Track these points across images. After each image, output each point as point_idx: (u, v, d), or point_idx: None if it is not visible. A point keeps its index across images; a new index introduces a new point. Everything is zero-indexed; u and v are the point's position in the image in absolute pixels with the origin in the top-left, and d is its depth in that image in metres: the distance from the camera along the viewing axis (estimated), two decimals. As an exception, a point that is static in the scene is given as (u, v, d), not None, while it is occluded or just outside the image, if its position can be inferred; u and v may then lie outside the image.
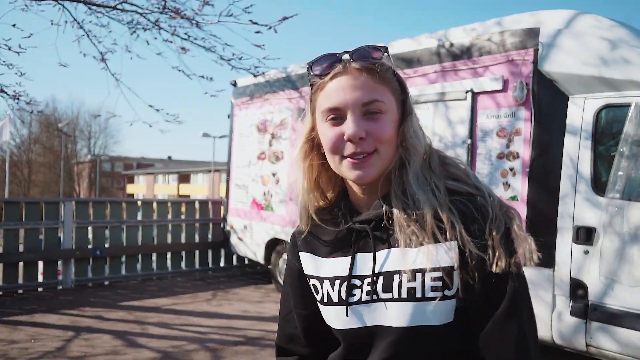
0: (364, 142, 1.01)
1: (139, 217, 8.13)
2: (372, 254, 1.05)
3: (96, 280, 7.62)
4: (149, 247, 8.13)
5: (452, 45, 5.01)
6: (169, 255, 8.36)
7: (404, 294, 1.00)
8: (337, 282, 1.08)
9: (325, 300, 1.10)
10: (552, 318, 4.19)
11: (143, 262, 8.11)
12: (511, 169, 4.52)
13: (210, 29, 12.81)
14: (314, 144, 1.13)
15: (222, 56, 7.06)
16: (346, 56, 1.05)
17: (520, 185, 4.45)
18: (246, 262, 9.01)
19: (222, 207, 8.90)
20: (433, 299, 0.98)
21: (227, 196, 8.28)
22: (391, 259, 1.03)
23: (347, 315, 1.05)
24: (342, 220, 1.11)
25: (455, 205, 1.02)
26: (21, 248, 7.20)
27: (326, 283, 1.10)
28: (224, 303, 6.64)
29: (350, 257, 1.07)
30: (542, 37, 4.31)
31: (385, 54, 1.06)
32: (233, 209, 8.03)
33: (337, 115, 1.03)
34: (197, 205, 8.79)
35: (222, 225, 8.66)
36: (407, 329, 0.99)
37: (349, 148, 1.02)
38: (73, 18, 6.96)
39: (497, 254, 0.97)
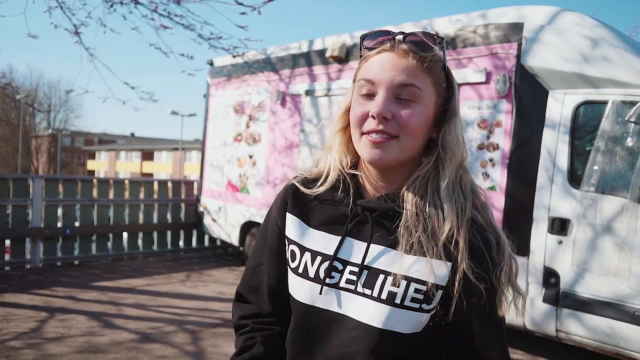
0: (387, 123, 0.98)
1: (111, 196, 8.00)
2: (365, 244, 1.03)
3: (66, 259, 7.48)
4: (121, 227, 8.01)
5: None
6: (140, 235, 8.26)
7: (384, 296, 0.99)
8: (319, 258, 1.06)
9: (300, 271, 1.08)
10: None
11: (114, 242, 8.00)
12: (491, 160, 4.64)
13: (191, 7, 12.51)
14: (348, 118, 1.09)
15: (201, 35, 6.96)
16: (399, 36, 1.02)
17: (499, 176, 4.58)
18: (218, 243, 9.00)
19: (194, 188, 8.84)
20: (410, 308, 0.99)
21: (201, 177, 8.21)
22: (384, 257, 1.02)
23: (320, 294, 1.04)
24: (345, 198, 1.08)
25: (471, 231, 1.00)
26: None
27: (307, 255, 1.08)
28: (198, 284, 6.63)
29: (339, 237, 1.05)
30: (526, 31, 4.41)
31: (441, 45, 1.03)
32: (207, 190, 7.98)
33: (369, 91, 1.01)
34: (169, 185, 8.69)
35: (195, 206, 8.60)
36: (377, 329, 0.99)
37: (371, 124, 1.00)
38: (46, -12, 6.73)
39: (497, 294, 1.00)
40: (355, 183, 1.09)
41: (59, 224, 7.45)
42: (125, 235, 8.14)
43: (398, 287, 0.98)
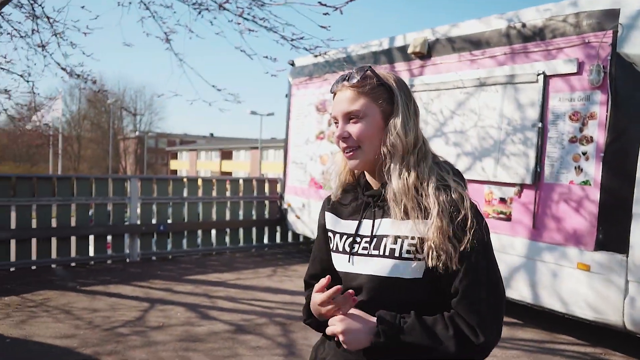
0: (348, 140, 1.37)
1: (199, 194, 8.40)
2: (372, 220, 1.39)
3: (160, 254, 7.95)
4: (209, 223, 8.40)
5: (523, 26, 4.95)
6: (227, 231, 8.62)
7: (387, 253, 1.33)
8: (345, 236, 1.44)
9: (334, 248, 1.47)
10: (624, 304, 4.18)
11: (203, 238, 8.40)
12: (584, 153, 4.48)
13: (273, 9, 12.87)
14: None
15: (284, 36, 7.15)
16: (339, 81, 1.39)
17: (593, 170, 4.41)
18: (301, 239, 9.21)
19: (277, 186, 9.09)
20: (407, 259, 1.30)
21: (284, 174, 8.44)
22: (383, 225, 1.36)
23: (349, 262, 1.40)
24: (359, 194, 1.46)
25: (439, 193, 1.31)
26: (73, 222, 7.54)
27: (337, 236, 1.47)
28: (284, 279, 6.85)
29: (357, 220, 1.42)
30: (623, 18, 4.22)
31: (368, 72, 1.37)
32: (290, 187, 8.19)
33: (336, 121, 1.40)
34: (254, 183, 9.00)
35: (278, 203, 8.85)
36: (386, 278, 1.32)
37: (342, 144, 1.39)
38: None
39: (462, 235, 1.27)
40: (364, 183, 1.47)
41: (154, 221, 7.92)
42: (213, 231, 8.52)
43: (396, 244, 1.32)
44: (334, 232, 1.49)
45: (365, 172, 1.46)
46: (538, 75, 4.80)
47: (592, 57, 4.42)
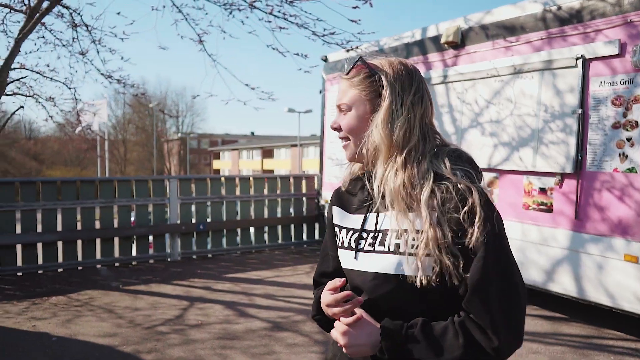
0: (340, 132, 1.36)
1: (237, 193, 8.48)
2: (376, 214, 1.31)
3: (200, 253, 8.07)
4: (248, 222, 8.47)
5: (559, 9, 4.76)
6: (266, 229, 8.68)
7: (392, 248, 1.24)
8: (351, 232, 1.37)
9: (340, 244, 1.40)
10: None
11: (242, 236, 8.48)
12: (628, 139, 4.27)
13: (304, 5, 12.87)
14: None
15: (315, 32, 7.12)
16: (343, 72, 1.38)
17: (639, 157, 4.20)
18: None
19: (315, 182, 9.08)
20: (412, 254, 1.20)
21: (320, 171, 8.42)
22: (386, 220, 1.28)
23: (355, 259, 1.32)
24: (366, 187, 1.36)
25: (434, 195, 1.20)
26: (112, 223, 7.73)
27: (343, 232, 1.40)
28: (322, 276, 6.82)
29: (364, 215, 1.35)
30: (666, -5, 3.99)
31: (358, 63, 1.33)
32: (327, 184, 8.16)
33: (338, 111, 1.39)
34: (291, 180, 9.02)
35: (316, 199, 8.84)
36: (391, 275, 1.23)
37: (338, 135, 1.38)
38: (172, 3, 7.27)
39: (469, 229, 1.15)
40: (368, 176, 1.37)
41: (193, 220, 8.04)
42: (252, 229, 8.59)
43: (400, 239, 1.22)
44: (340, 227, 1.42)
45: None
46: (577, 59, 4.61)
47: (635, 37, 4.21)
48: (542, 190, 4.94)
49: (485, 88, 5.46)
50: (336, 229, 1.44)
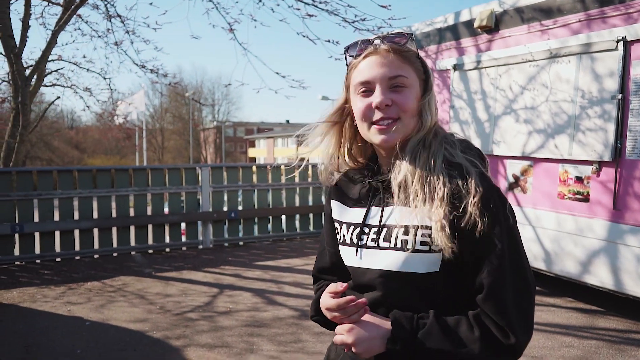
0: (389, 110, 1.19)
1: (269, 181, 8.51)
2: (380, 208, 1.25)
3: (232, 240, 8.14)
4: (279, 210, 8.49)
5: (599, -11, 4.55)
6: (297, 217, 8.69)
7: (399, 245, 1.18)
8: (352, 227, 1.31)
9: (341, 241, 1.34)
10: None
11: (274, 224, 8.51)
12: (671, 126, 4.06)
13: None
14: (343, 115, 1.33)
15: (345, 18, 7.05)
16: (377, 40, 1.24)
17: (682, 143, 4.00)
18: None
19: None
20: (421, 251, 1.16)
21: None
22: (395, 214, 1.21)
23: (356, 255, 1.27)
24: (366, 179, 1.31)
25: (450, 175, 1.15)
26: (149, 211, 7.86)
27: (344, 227, 1.33)
28: (352, 264, 6.79)
29: (365, 208, 1.28)
30: None
31: (411, 40, 1.24)
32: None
33: (367, 88, 1.22)
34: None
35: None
36: (397, 273, 1.18)
37: (377, 115, 1.20)
38: (203, -8, 7.29)
39: (479, 220, 1.10)
40: (374, 164, 1.32)
41: (225, 208, 8.12)
42: (284, 217, 8.61)
43: (408, 235, 1.17)
44: (341, 223, 1.36)
45: (379, 152, 1.30)
46: (617, 41, 4.40)
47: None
48: (579, 179, 4.76)
49: (519, 73, 5.29)
50: (336, 224, 1.39)
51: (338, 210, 1.38)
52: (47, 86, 9.83)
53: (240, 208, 8.30)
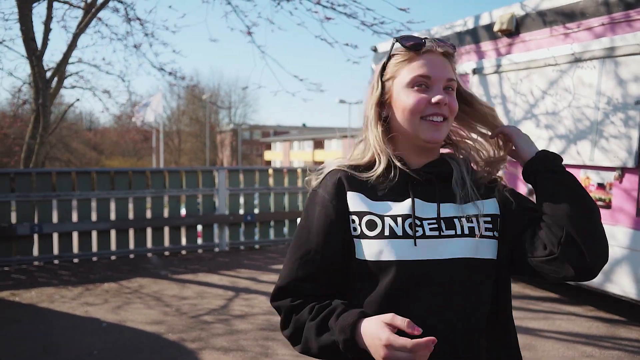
0: (444, 108, 1.24)
1: (285, 184, 8.49)
2: (434, 202, 1.25)
3: (248, 243, 8.14)
4: (296, 213, 8.47)
5: (624, -7, 4.46)
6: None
7: (466, 232, 1.22)
8: (400, 219, 1.21)
9: (387, 233, 1.20)
10: None
11: (290, 227, 8.49)
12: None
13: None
14: (381, 108, 1.32)
15: (364, 22, 7.02)
16: (431, 43, 1.26)
17: None
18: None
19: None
20: (488, 237, 1.23)
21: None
22: (451, 207, 1.25)
23: (415, 246, 1.19)
24: (393, 173, 1.26)
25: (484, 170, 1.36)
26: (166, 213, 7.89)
27: (387, 219, 1.21)
28: (368, 269, 6.75)
29: (408, 200, 1.23)
30: None
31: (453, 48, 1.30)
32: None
33: (424, 83, 1.24)
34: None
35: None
36: (469, 259, 1.20)
37: (433, 109, 1.23)
38: (222, -5, 7.32)
39: (514, 201, 1.29)
40: (398, 160, 1.28)
41: (241, 211, 8.12)
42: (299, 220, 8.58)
43: (472, 222, 1.23)
44: (377, 215, 1.23)
45: (411, 149, 1.29)
46: (642, 46, 4.31)
47: None
48: (601, 186, 4.67)
49: (541, 78, 5.21)
50: (354, 216, 1.24)
51: (363, 203, 1.25)
52: (67, 88, 9.95)
53: (256, 211, 8.30)
